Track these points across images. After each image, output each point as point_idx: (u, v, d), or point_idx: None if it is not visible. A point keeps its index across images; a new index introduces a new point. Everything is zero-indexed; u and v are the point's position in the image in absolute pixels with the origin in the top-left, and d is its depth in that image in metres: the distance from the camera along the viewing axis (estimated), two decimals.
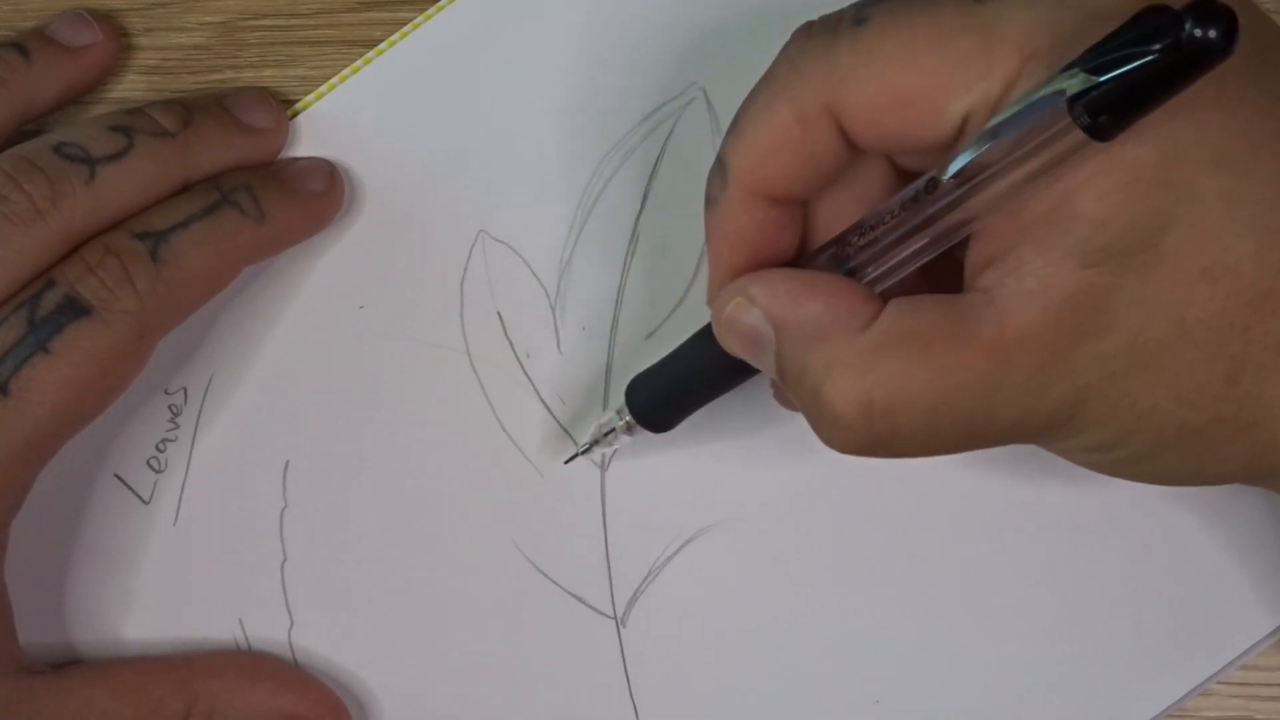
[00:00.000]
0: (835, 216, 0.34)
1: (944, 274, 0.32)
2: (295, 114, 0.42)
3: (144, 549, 0.41)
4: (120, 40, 0.42)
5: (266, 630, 0.41)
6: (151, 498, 0.41)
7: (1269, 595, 0.38)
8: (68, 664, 0.39)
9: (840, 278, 0.32)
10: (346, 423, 0.41)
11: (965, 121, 0.30)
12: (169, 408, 0.41)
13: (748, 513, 0.40)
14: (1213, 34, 0.25)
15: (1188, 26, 0.25)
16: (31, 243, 0.36)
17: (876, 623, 0.39)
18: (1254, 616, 0.38)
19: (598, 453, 0.40)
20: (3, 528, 0.37)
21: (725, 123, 0.40)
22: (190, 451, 0.41)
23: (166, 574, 0.41)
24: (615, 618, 0.40)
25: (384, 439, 0.41)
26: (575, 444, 0.40)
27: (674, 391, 0.38)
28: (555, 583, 0.40)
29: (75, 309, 0.36)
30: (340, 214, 0.41)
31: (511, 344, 0.41)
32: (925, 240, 0.31)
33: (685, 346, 0.37)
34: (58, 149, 0.37)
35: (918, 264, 0.32)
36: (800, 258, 0.34)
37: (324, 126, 0.42)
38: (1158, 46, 0.25)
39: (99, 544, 0.41)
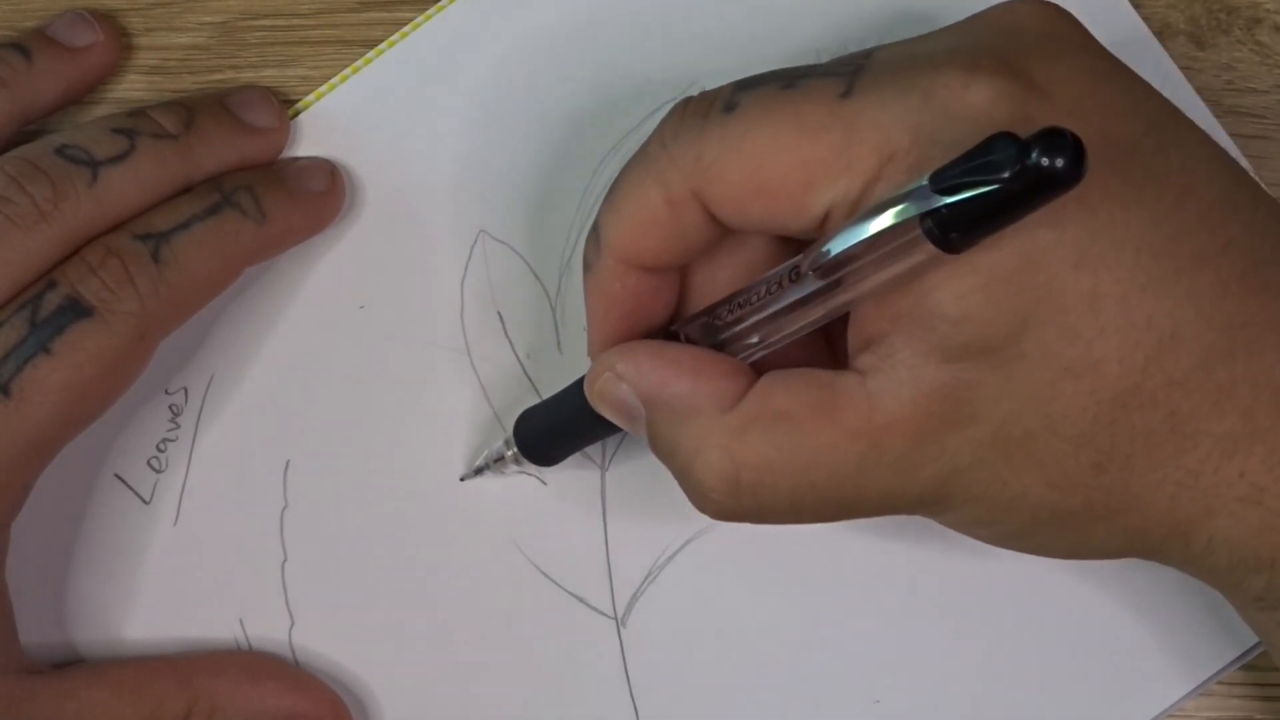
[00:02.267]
0: (712, 282, 0.35)
1: (834, 333, 0.33)
2: (296, 114, 0.42)
3: (145, 549, 0.41)
4: (121, 40, 0.42)
5: (267, 630, 0.41)
6: (152, 498, 0.41)
7: None
8: (69, 664, 0.39)
9: (709, 352, 0.33)
10: (347, 423, 0.41)
11: (828, 215, 0.31)
12: (169, 408, 0.41)
13: None
14: (1059, 163, 0.25)
15: (1034, 156, 0.25)
16: (34, 244, 0.36)
17: (876, 622, 0.39)
18: None
19: (489, 475, 0.40)
20: (3, 528, 0.37)
21: None
22: (191, 451, 0.41)
23: (167, 574, 0.41)
24: (615, 618, 0.40)
25: (384, 439, 0.41)
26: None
27: (557, 433, 0.38)
28: (556, 583, 0.40)
29: (77, 310, 0.36)
30: (341, 214, 0.41)
31: (512, 344, 0.41)
32: (794, 323, 0.32)
33: (569, 391, 0.37)
34: (60, 151, 0.37)
35: (785, 342, 0.32)
36: (676, 320, 0.35)
37: (325, 126, 0.42)
38: (1005, 175, 0.26)
39: (100, 544, 0.41)
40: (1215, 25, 0.40)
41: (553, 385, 0.41)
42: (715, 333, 0.33)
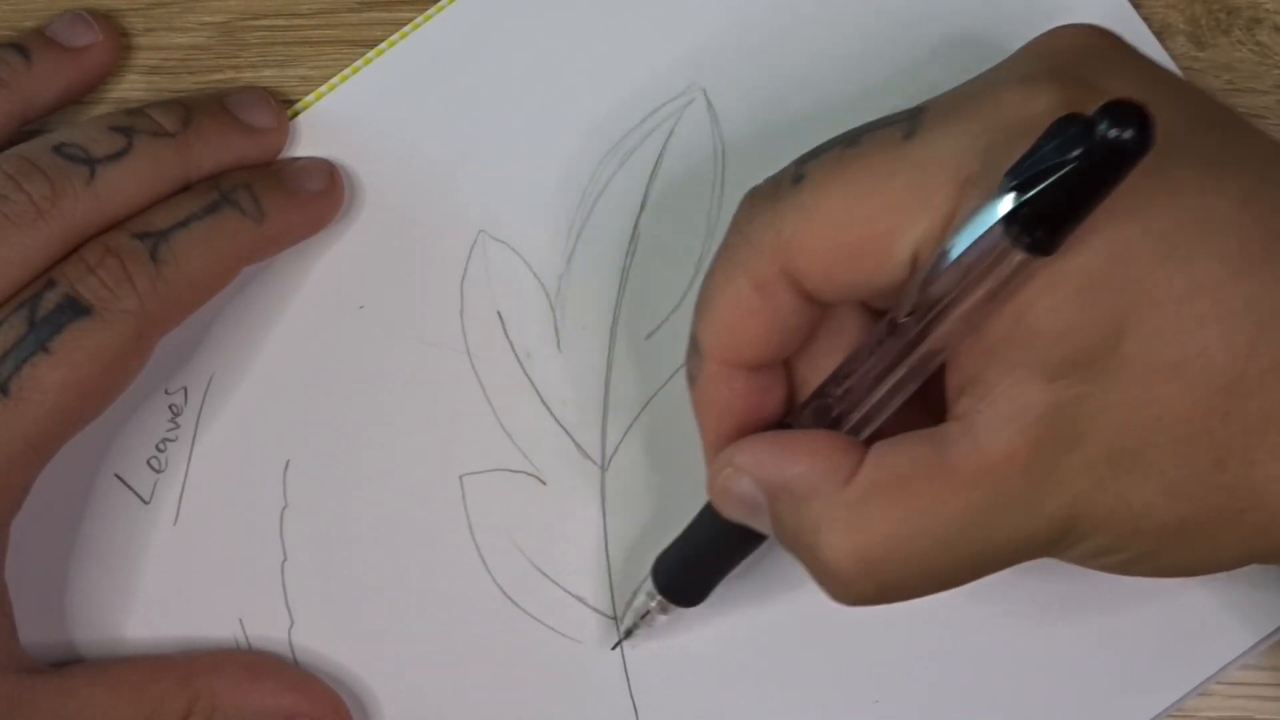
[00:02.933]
0: (817, 368, 0.34)
1: (936, 400, 0.32)
2: (295, 114, 0.42)
3: (144, 549, 0.41)
4: (120, 40, 0.42)
5: (267, 629, 0.41)
6: (152, 497, 0.41)
7: (1269, 595, 0.38)
8: (68, 663, 0.39)
9: (822, 432, 0.32)
10: (347, 422, 0.41)
11: (915, 259, 0.30)
12: (169, 407, 0.41)
13: None
14: (1128, 134, 0.25)
15: (1101, 129, 0.25)
16: (32, 243, 0.36)
17: (875, 622, 0.39)
18: (1254, 617, 0.38)
19: (639, 633, 0.40)
20: (3, 527, 0.37)
21: (726, 123, 0.41)
22: (190, 451, 0.41)
23: (167, 573, 0.41)
24: (616, 617, 0.40)
25: (384, 439, 0.41)
26: (575, 442, 0.40)
27: (697, 566, 0.38)
28: (555, 583, 0.40)
29: (75, 308, 0.36)
30: (340, 214, 0.41)
31: (511, 344, 0.41)
32: (897, 379, 0.31)
33: (697, 521, 0.37)
34: (58, 149, 0.37)
35: (896, 403, 0.32)
36: (789, 414, 0.35)
37: (324, 126, 0.42)
38: (1075, 154, 0.26)
39: (99, 544, 0.41)
40: (1215, 25, 0.40)
41: (553, 385, 0.41)
42: (826, 413, 0.33)
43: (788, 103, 0.41)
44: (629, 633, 0.39)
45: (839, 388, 0.32)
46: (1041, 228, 0.27)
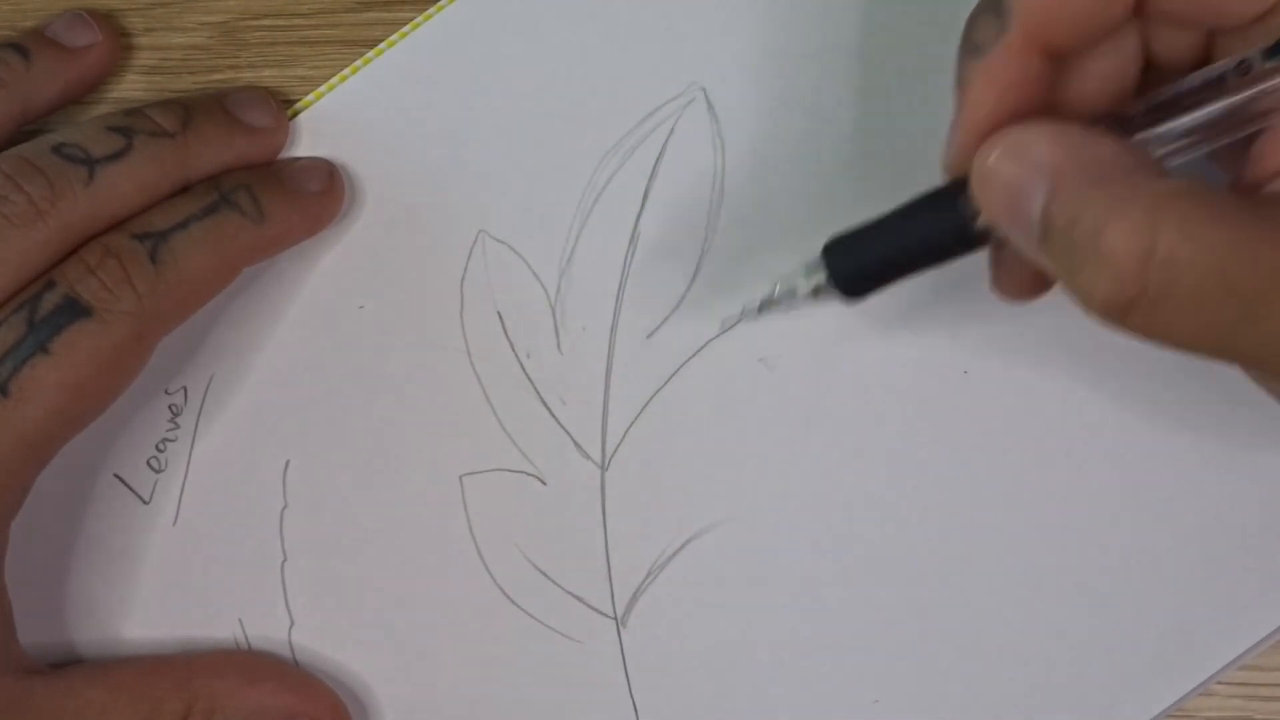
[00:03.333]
0: (1081, 90, 0.33)
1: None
2: (295, 114, 0.42)
3: (144, 549, 0.41)
4: (120, 40, 0.42)
5: (266, 630, 0.41)
6: (151, 498, 0.41)
7: (1269, 595, 0.38)
8: (68, 664, 0.39)
9: (1126, 142, 0.30)
10: (346, 422, 0.41)
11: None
12: (169, 408, 0.41)
13: (747, 512, 0.40)
14: None
15: None
16: (31, 243, 0.36)
17: (876, 621, 0.39)
18: (1254, 616, 0.38)
19: (767, 312, 0.36)
20: (3, 528, 0.37)
21: (726, 122, 0.41)
22: (190, 451, 0.41)
23: (166, 574, 0.41)
24: (615, 618, 0.40)
25: (384, 439, 0.41)
26: (575, 442, 0.40)
27: (882, 258, 0.34)
28: (555, 583, 0.40)
29: (75, 310, 0.36)
30: (340, 214, 0.41)
31: (511, 344, 0.41)
32: (1220, 126, 0.29)
33: (900, 212, 0.34)
34: (57, 149, 0.37)
35: (1201, 151, 0.30)
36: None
37: (324, 126, 0.42)
38: None
39: (99, 544, 0.41)
40: None
41: (553, 385, 0.41)
42: (1126, 132, 0.31)
43: (788, 101, 0.41)
44: (765, 305, 0.36)
45: (1148, 114, 0.31)
46: None
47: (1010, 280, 0.35)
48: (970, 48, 0.33)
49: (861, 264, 0.34)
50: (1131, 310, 0.29)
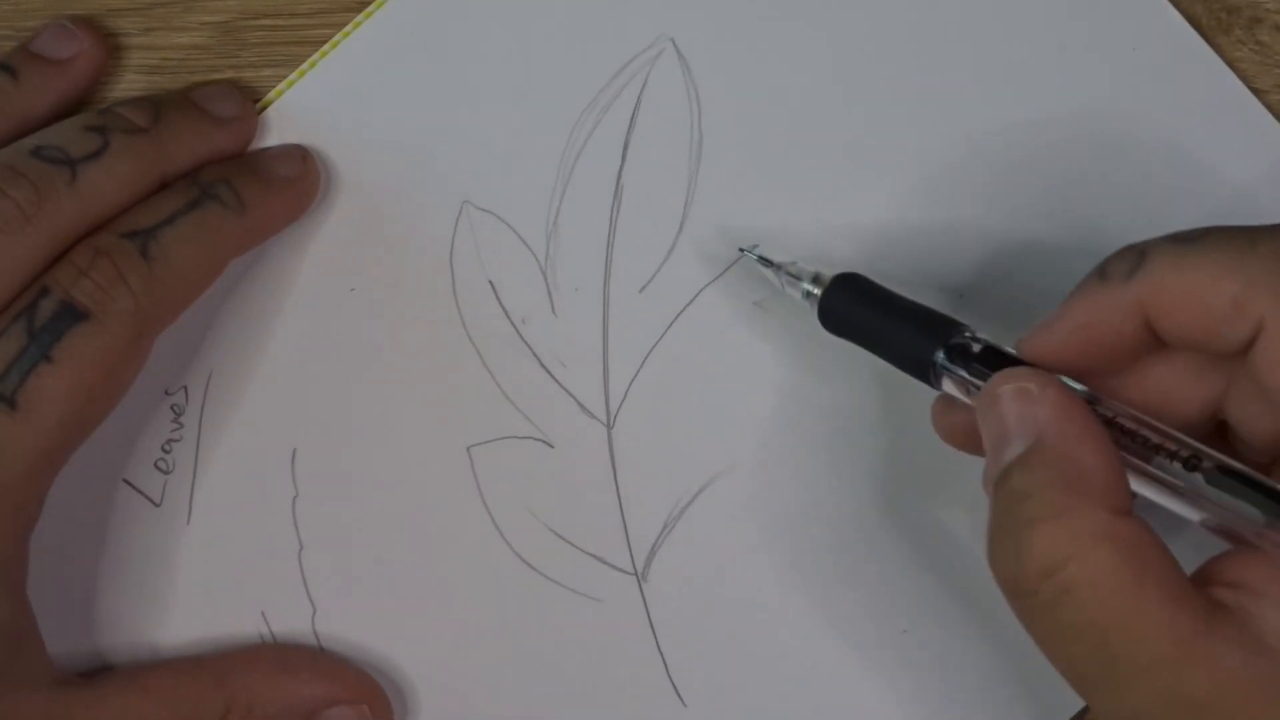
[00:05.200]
0: (1159, 379, 0.34)
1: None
2: (266, 105, 0.42)
3: (160, 551, 0.41)
4: (107, 45, 0.42)
5: (290, 619, 0.41)
6: (162, 499, 0.41)
7: None
8: (98, 672, 0.39)
9: (1118, 454, 0.31)
10: (349, 405, 0.41)
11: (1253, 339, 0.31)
12: (171, 408, 0.41)
13: (756, 456, 0.40)
14: None
15: None
16: (21, 249, 0.36)
17: (899, 550, 0.40)
18: None
19: (768, 277, 0.39)
20: (24, 541, 0.37)
21: (697, 71, 0.41)
22: (197, 449, 0.41)
23: (185, 573, 0.41)
24: (635, 573, 0.40)
25: (388, 418, 0.41)
26: (578, 403, 0.41)
27: (869, 326, 0.37)
28: (572, 544, 0.40)
29: (73, 314, 0.36)
30: (320, 198, 0.41)
31: (506, 312, 0.41)
32: (1174, 506, 0.31)
33: (912, 309, 0.36)
34: (36, 152, 0.37)
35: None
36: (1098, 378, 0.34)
37: (295, 116, 0.42)
38: None
39: (114, 550, 0.41)
40: (1215, 25, 0.40)
41: (551, 348, 0.41)
42: (1121, 435, 0.32)
43: (757, 44, 0.41)
44: (764, 260, 0.39)
45: (1136, 439, 0.32)
46: None
47: (950, 426, 0.36)
48: (1100, 269, 0.33)
49: (846, 316, 0.37)
50: (1017, 599, 0.30)
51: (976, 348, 0.34)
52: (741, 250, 0.40)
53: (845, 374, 0.40)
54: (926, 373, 0.35)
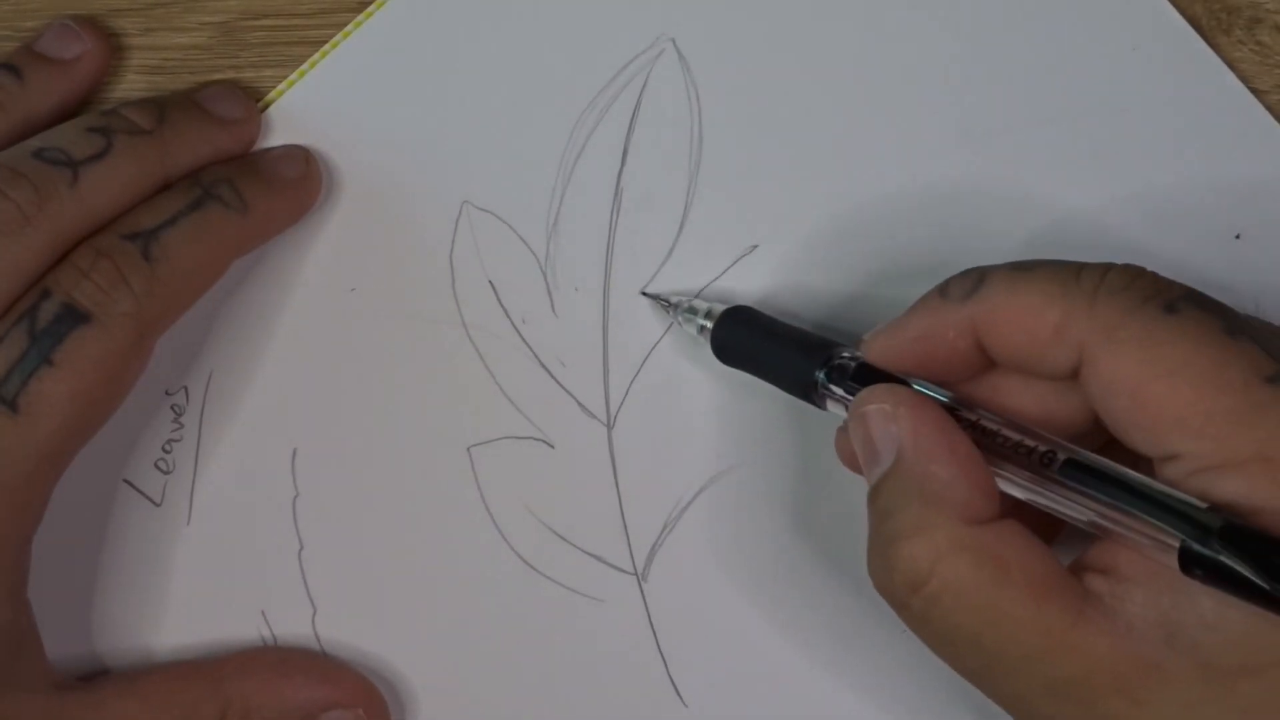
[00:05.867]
0: (1004, 389, 0.35)
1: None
2: (267, 105, 0.42)
3: (160, 551, 0.41)
4: (110, 44, 0.42)
5: (290, 620, 0.41)
6: (163, 499, 0.41)
7: None
8: (97, 675, 0.39)
9: (980, 459, 0.32)
10: (349, 405, 0.41)
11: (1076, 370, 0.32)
12: (171, 408, 0.41)
13: (756, 456, 0.40)
14: None
15: None
16: (22, 250, 0.36)
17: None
18: None
19: (667, 314, 0.40)
20: (26, 544, 0.37)
21: (698, 71, 0.41)
22: (197, 449, 0.41)
23: (185, 573, 0.41)
24: (636, 573, 0.40)
25: (388, 418, 0.41)
26: (578, 403, 0.41)
27: (756, 354, 0.38)
28: (573, 544, 0.40)
29: (74, 316, 0.36)
30: (321, 199, 0.41)
31: (506, 311, 0.41)
32: (1037, 498, 0.32)
33: (793, 335, 0.37)
34: (38, 154, 0.37)
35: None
36: (955, 376, 0.35)
37: (296, 116, 0.42)
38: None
39: (115, 551, 0.41)
40: (1215, 25, 0.40)
41: (551, 348, 0.41)
42: (984, 437, 0.33)
43: (757, 44, 0.41)
44: (661, 301, 0.40)
45: (999, 439, 0.33)
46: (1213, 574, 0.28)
47: (845, 450, 0.37)
48: (943, 285, 0.35)
49: (735, 347, 0.38)
50: (896, 610, 0.32)
51: (852, 366, 0.35)
52: (642, 293, 0.40)
53: None
54: (811, 395, 0.36)
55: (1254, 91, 0.40)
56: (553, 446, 0.41)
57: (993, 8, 0.40)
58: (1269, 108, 0.40)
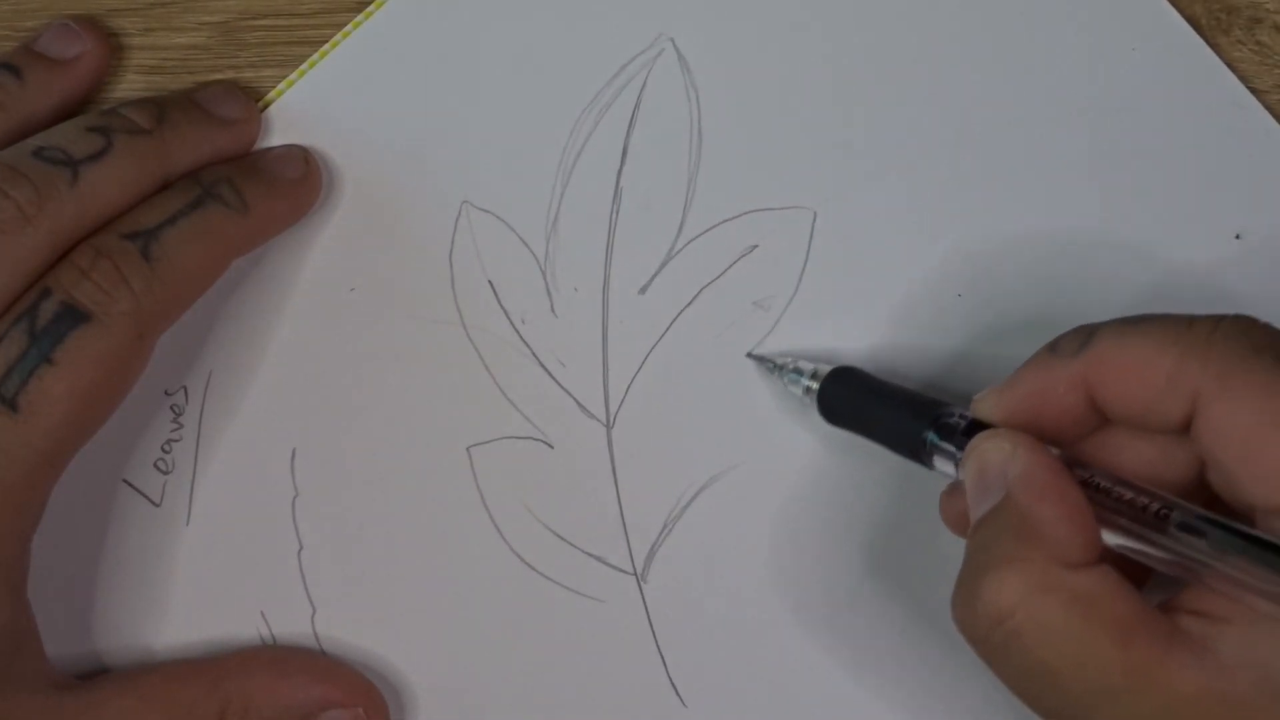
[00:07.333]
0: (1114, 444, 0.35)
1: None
2: (266, 104, 0.42)
3: (159, 551, 0.41)
4: (110, 44, 0.42)
5: (290, 620, 0.41)
6: (162, 500, 0.41)
7: None
8: (96, 674, 0.39)
9: (1087, 508, 0.32)
10: (349, 405, 0.41)
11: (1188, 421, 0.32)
12: (171, 408, 0.41)
13: (755, 457, 0.40)
14: None
15: None
16: (22, 249, 0.36)
17: (897, 552, 0.40)
18: None
19: (778, 378, 0.40)
20: (26, 542, 0.37)
21: (697, 71, 0.41)
22: (196, 449, 0.41)
23: (185, 573, 0.41)
24: (635, 573, 0.40)
25: (388, 418, 0.41)
26: (578, 403, 0.41)
27: (863, 414, 0.38)
28: (572, 544, 0.40)
29: (74, 316, 0.36)
30: (321, 199, 0.41)
31: (506, 312, 0.41)
32: (1146, 552, 0.32)
33: (901, 395, 0.37)
34: (38, 153, 0.37)
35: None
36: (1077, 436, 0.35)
37: (296, 116, 0.42)
38: None
39: (114, 550, 0.41)
40: (1215, 25, 0.40)
41: (551, 348, 0.41)
42: (1095, 492, 0.33)
43: (757, 44, 0.41)
44: (765, 362, 0.40)
45: (1109, 496, 0.32)
46: None
47: (953, 514, 0.37)
48: (1053, 343, 0.34)
49: (842, 407, 0.38)
50: (973, 644, 0.32)
51: (962, 424, 0.35)
52: (748, 356, 0.40)
53: None
54: (920, 454, 0.36)
55: (1254, 91, 0.40)
56: (552, 446, 0.41)
57: (992, 8, 0.40)
58: (1269, 108, 0.40)
